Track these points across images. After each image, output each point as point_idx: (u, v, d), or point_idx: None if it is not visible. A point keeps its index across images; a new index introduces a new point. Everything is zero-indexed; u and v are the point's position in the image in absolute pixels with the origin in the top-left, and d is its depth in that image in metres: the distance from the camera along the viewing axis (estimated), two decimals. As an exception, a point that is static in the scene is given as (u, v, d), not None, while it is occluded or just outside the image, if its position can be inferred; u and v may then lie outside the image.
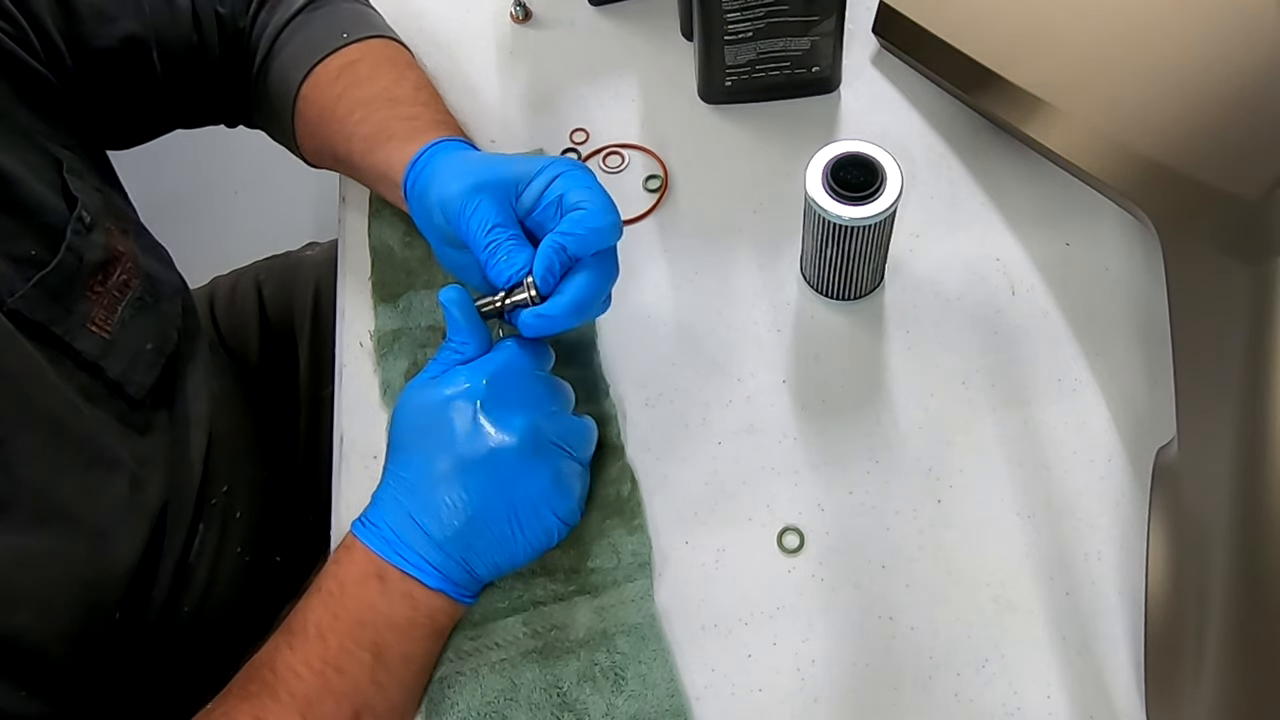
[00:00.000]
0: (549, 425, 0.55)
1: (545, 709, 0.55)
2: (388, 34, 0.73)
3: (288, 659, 0.51)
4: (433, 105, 0.68)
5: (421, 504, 0.53)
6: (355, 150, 0.66)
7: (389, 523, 0.54)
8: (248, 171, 1.73)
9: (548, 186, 0.56)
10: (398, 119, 0.65)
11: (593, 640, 0.56)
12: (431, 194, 0.59)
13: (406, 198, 0.62)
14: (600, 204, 0.55)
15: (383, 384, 0.66)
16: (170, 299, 0.64)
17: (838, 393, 0.63)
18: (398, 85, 0.68)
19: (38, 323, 0.54)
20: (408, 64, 0.71)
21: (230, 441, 0.71)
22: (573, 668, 0.56)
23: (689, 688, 0.55)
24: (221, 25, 0.68)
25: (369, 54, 0.70)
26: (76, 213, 0.57)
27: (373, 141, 0.65)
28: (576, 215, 0.54)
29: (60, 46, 0.59)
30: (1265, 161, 0.57)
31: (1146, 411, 0.60)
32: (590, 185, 0.56)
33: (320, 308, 0.87)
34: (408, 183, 0.62)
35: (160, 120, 0.70)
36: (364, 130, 0.66)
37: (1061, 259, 0.66)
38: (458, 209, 0.56)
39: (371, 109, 0.66)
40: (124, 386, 0.59)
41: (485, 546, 0.54)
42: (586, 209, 0.54)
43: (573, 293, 0.55)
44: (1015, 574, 0.57)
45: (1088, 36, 0.66)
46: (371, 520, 0.54)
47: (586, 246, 0.55)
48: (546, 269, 0.54)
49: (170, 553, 0.63)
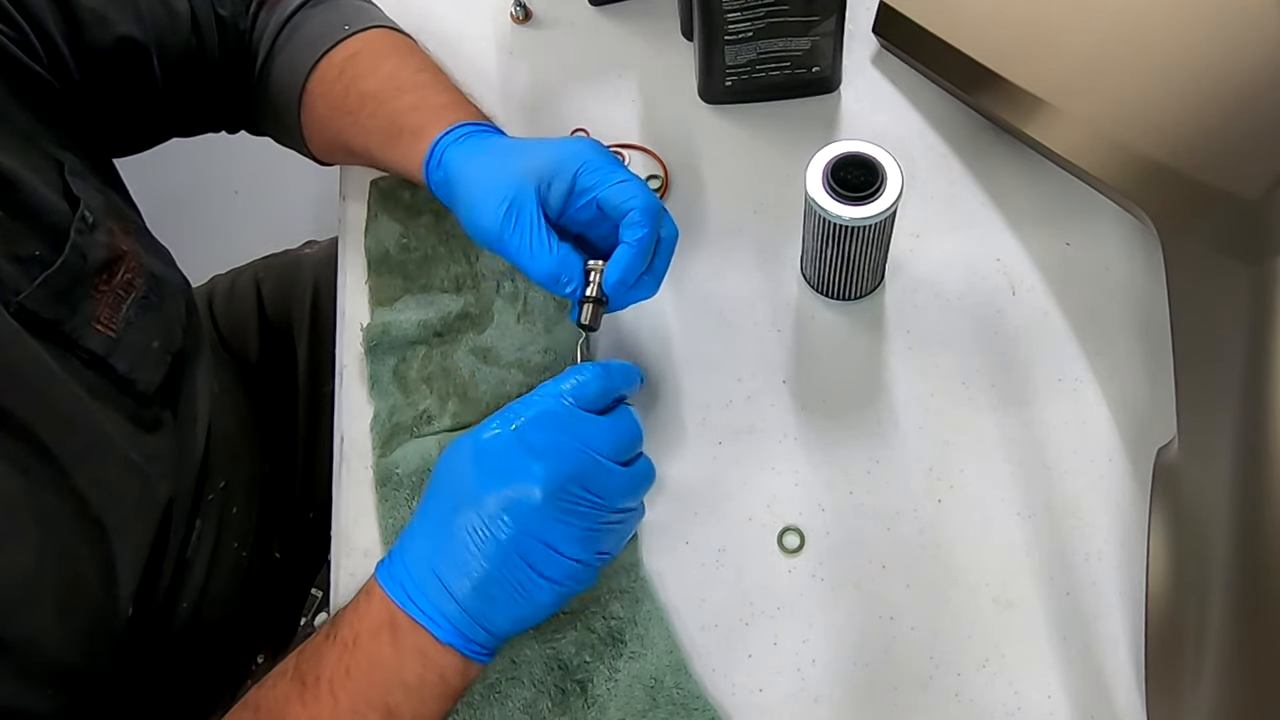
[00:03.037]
0: (580, 474, 0.50)
1: (548, 682, 0.55)
2: (388, 24, 0.73)
3: (299, 714, 0.50)
4: (434, 86, 0.68)
5: (439, 550, 0.50)
6: (372, 145, 0.67)
7: (407, 564, 0.51)
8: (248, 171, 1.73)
9: (572, 189, 0.57)
10: (404, 111, 0.65)
11: (587, 609, 0.56)
12: (462, 223, 0.61)
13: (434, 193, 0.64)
14: (645, 200, 0.56)
15: (370, 378, 0.66)
16: (174, 298, 0.65)
17: (838, 393, 0.63)
18: (400, 71, 0.68)
19: (44, 322, 0.54)
20: (409, 49, 0.71)
21: (228, 438, 0.71)
22: (570, 638, 0.56)
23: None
24: (223, 28, 0.68)
25: (370, 44, 0.70)
26: (79, 212, 0.57)
27: (385, 136, 0.66)
28: (631, 218, 0.56)
29: (62, 50, 0.59)
30: (1265, 161, 0.57)
31: (1146, 411, 0.60)
32: (621, 176, 0.57)
33: (319, 306, 0.87)
34: (430, 182, 0.63)
35: (161, 126, 0.70)
36: (375, 125, 0.66)
37: (1061, 259, 0.66)
38: (496, 244, 0.58)
39: (379, 101, 0.66)
40: (132, 384, 0.59)
41: (500, 601, 0.50)
42: (635, 205, 0.56)
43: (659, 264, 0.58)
44: (1015, 574, 0.57)
45: (1088, 36, 0.66)
46: (393, 561, 0.52)
47: (653, 238, 0.57)
48: (620, 279, 0.56)
49: (171, 549, 0.63)
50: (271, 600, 0.76)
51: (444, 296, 0.68)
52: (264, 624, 0.75)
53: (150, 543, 0.60)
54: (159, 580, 0.62)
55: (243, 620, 0.72)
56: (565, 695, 0.55)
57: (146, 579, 0.60)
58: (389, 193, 0.73)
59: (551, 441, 0.50)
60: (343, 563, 0.61)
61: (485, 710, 0.55)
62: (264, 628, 0.76)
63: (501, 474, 0.50)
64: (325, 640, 0.51)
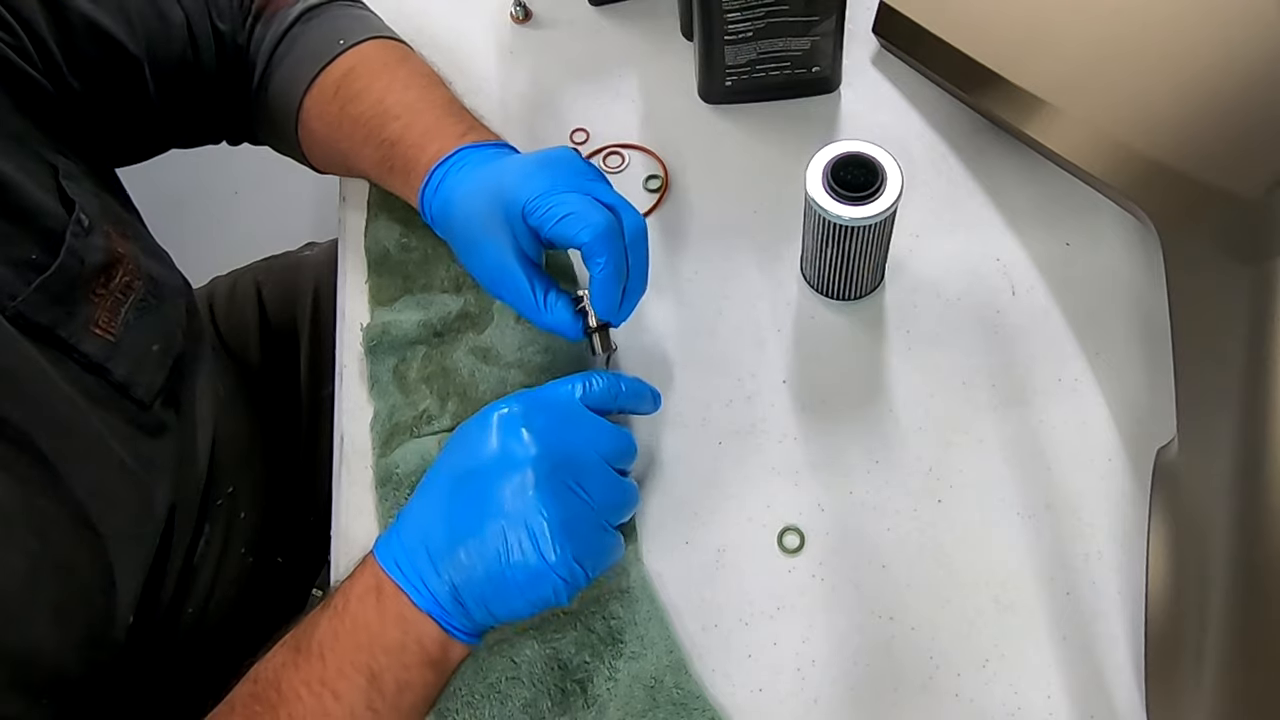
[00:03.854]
0: (575, 465, 0.51)
1: (548, 682, 0.55)
2: (384, 33, 0.72)
3: (292, 679, 0.51)
4: (419, 107, 0.67)
5: (431, 520, 0.51)
6: (369, 172, 0.69)
7: (401, 535, 0.52)
8: (248, 173, 1.73)
9: (539, 225, 0.57)
10: (392, 141, 0.65)
11: (586, 609, 0.57)
12: (458, 247, 0.62)
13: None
14: (590, 235, 0.56)
15: (370, 378, 0.66)
16: (173, 300, 0.64)
17: (838, 393, 0.63)
18: (388, 94, 0.67)
19: (41, 326, 0.54)
20: (400, 62, 0.70)
21: (235, 442, 0.71)
22: (570, 638, 0.56)
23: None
24: (220, 41, 0.68)
25: (364, 60, 0.69)
26: (75, 216, 0.56)
27: (379, 169, 0.67)
28: (587, 247, 0.56)
29: (56, 55, 0.59)
30: (1265, 161, 0.57)
31: (1146, 411, 0.60)
32: (564, 213, 0.56)
33: (320, 308, 0.87)
34: (428, 217, 0.64)
35: (158, 136, 0.70)
36: (368, 152, 0.66)
37: (1061, 259, 0.66)
38: (494, 279, 0.59)
39: (370, 129, 0.66)
40: (131, 389, 0.59)
41: (477, 575, 0.50)
42: (586, 234, 0.55)
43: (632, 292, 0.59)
44: (1015, 574, 0.57)
45: (1088, 36, 0.66)
46: (390, 534, 0.53)
47: (621, 252, 0.57)
48: (607, 306, 0.57)
49: (176, 555, 0.63)
50: (274, 604, 0.76)
51: (444, 296, 0.68)
52: (266, 627, 0.75)
53: (152, 550, 0.60)
54: (162, 587, 0.62)
55: (245, 624, 0.72)
56: (565, 695, 0.55)
57: (149, 586, 0.60)
58: (389, 194, 0.73)
59: (553, 427, 0.52)
60: (342, 562, 0.61)
61: (485, 710, 0.55)
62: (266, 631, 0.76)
63: (501, 450, 0.51)
64: (321, 610, 0.52)
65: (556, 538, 0.49)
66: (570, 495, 0.50)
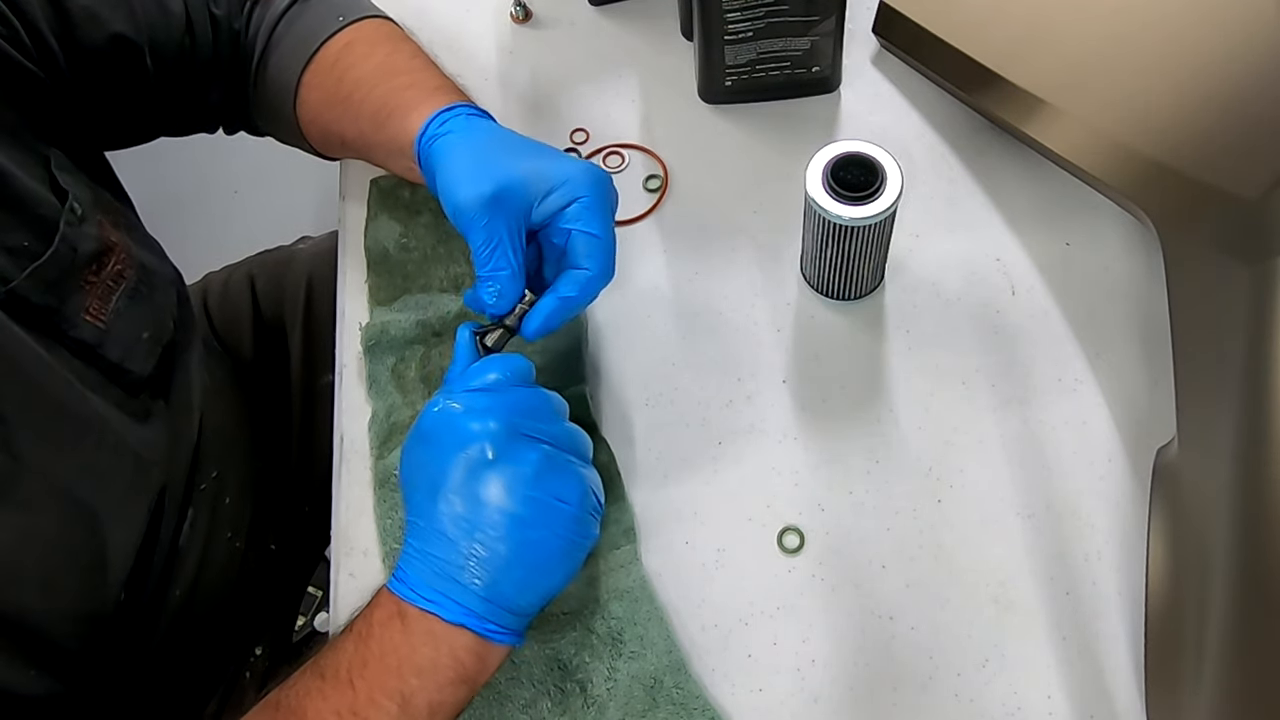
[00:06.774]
0: (521, 408, 0.52)
1: (547, 682, 0.55)
2: (381, 14, 0.73)
3: (320, 707, 0.50)
4: (428, 71, 0.68)
5: (430, 541, 0.51)
6: (364, 130, 0.67)
7: (407, 569, 0.51)
8: (247, 170, 1.74)
9: (562, 210, 0.57)
10: (397, 90, 0.65)
11: (586, 609, 0.57)
12: (440, 188, 0.59)
13: (422, 172, 0.63)
14: (602, 266, 0.57)
15: (368, 378, 0.66)
16: (164, 289, 0.65)
17: (838, 393, 0.63)
18: (394, 57, 0.68)
19: (33, 312, 0.54)
20: (401, 38, 0.71)
21: (222, 430, 0.72)
22: (569, 638, 0.56)
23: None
24: (217, 27, 0.68)
25: (363, 34, 0.70)
26: (68, 205, 0.57)
27: (377, 118, 0.65)
28: (577, 276, 0.56)
29: (53, 46, 0.59)
30: (1265, 161, 0.57)
31: (1146, 411, 0.60)
32: (600, 231, 0.57)
33: (313, 301, 0.88)
34: (420, 161, 0.62)
35: (151, 123, 0.70)
36: (367, 109, 0.66)
37: (1061, 259, 0.66)
38: (467, 221, 0.57)
39: (372, 85, 0.66)
40: (121, 374, 0.60)
41: (500, 560, 0.50)
42: (590, 271, 0.56)
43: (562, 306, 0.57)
44: (1015, 574, 0.57)
45: (1088, 36, 0.66)
46: (396, 571, 0.52)
47: (583, 303, 0.57)
48: (539, 329, 0.56)
49: (164, 537, 0.63)
50: (268, 592, 0.76)
51: (443, 296, 0.68)
52: (261, 615, 0.76)
53: (143, 529, 0.61)
54: (151, 567, 0.62)
55: (238, 611, 0.72)
56: (565, 695, 0.55)
57: (139, 565, 0.61)
58: (389, 192, 0.73)
59: (486, 402, 0.52)
60: (342, 562, 0.61)
61: (485, 710, 0.55)
62: (261, 619, 0.76)
63: (453, 443, 0.51)
64: (344, 635, 0.52)
65: (533, 487, 0.50)
66: (536, 442, 0.52)
